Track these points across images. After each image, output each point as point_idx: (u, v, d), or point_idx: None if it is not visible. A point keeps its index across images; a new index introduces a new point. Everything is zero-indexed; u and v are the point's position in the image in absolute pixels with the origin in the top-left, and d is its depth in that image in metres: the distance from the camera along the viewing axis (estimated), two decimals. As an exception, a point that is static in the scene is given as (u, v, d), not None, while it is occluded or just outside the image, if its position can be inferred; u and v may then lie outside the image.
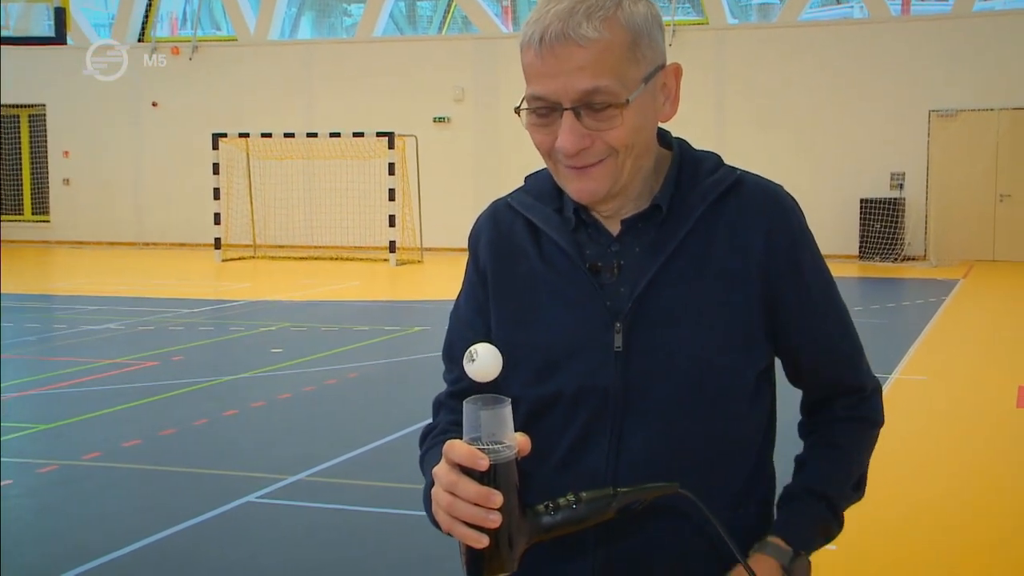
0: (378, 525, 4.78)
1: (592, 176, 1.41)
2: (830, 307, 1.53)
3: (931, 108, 16.33)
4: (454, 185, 18.29)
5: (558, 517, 1.29)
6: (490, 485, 1.23)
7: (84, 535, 4.59)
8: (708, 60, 17.23)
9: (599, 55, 1.34)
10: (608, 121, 1.37)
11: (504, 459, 1.24)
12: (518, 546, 1.26)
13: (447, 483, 1.26)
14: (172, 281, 14.85)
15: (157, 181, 20.15)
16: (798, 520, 1.49)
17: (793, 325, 1.49)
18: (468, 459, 1.23)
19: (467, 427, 1.25)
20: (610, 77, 1.35)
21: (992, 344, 9.56)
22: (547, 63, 1.35)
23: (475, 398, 1.24)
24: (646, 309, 1.43)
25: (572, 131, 1.37)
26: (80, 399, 7.22)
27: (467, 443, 1.24)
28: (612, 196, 1.44)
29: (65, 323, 10.65)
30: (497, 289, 1.53)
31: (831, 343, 1.54)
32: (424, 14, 20.98)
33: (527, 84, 1.40)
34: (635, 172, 1.44)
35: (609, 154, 1.40)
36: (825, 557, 4.28)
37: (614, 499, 1.30)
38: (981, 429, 6.51)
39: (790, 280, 1.47)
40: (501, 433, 1.24)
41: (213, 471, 5.55)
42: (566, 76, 1.35)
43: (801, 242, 1.48)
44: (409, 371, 8.39)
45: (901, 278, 14.70)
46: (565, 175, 1.43)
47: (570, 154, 1.38)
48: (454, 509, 1.25)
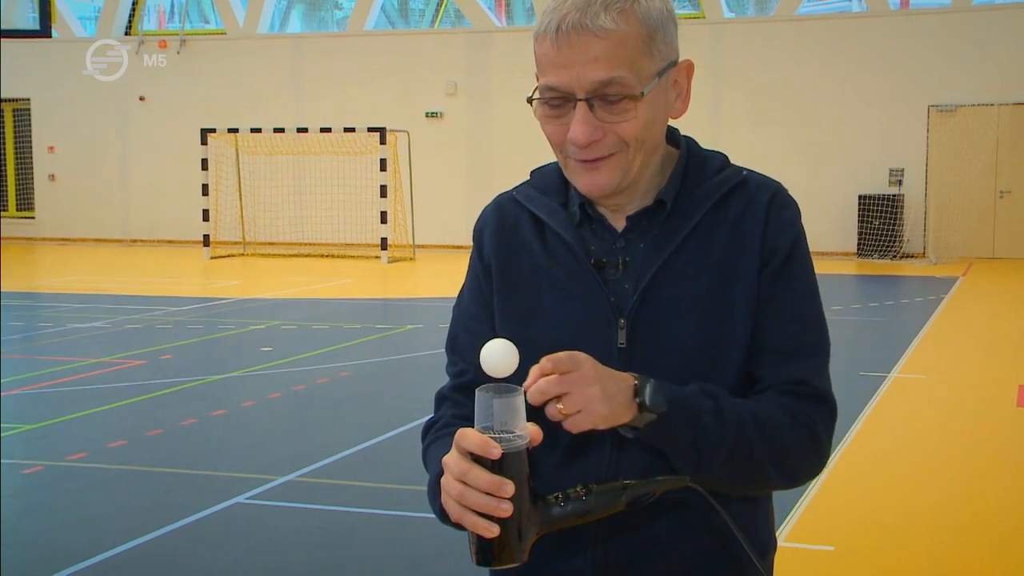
0: (369, 526, 4.73)
1: (602, 170, 1.42)
2: (808, 314, 1.51)
3: (930, 103, 16.30)
4: (447, 181, 18.20)
5: (568, 508, 1.29)
6: (501, 474, 1.23)
7: (69, 537, 4.53)
8: (705, 54, 17.14)
9: (615, 47, 1.36)
10: (621, 114, 1.38)
11: (516, 448, 1.24)
12: (528, 536, 1.27)
13: (458, 472, 1.25)
14: (160, 279, 14.76)
15: (145, 177, 20.01)
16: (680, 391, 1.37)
17: (767, 320, 1.46)
18: (481, 447, 1.23)
19: (479, 416, 1.25)
20: (625, 69, 1.36)
21: (992, 343, 9.51)
22: (563, 53, 1.36)
23: (487, 387, 1.24)
24: (649, 305, 1.44)
25: (585, 122, 1.38)
26: (65, 399, 7.15)
27: (479, 431, 1.24)
28: (620, 191, 1.45)
29: (51, 321, 10.52)
30: (501, 283, 1.54)
31: (795, 346, 1.48)
32: (416, 7, 20.87)
33: (540, 74, 1.41)
34: (644, 168, 1.45)
35: (620, 148, 1.41)
36: (823, 557, 4.22)
37: (624, 492, 1.31)
38: (981, 428, 6.47)
39: (779, 281, 1.47)
40: (513, 422, 1.24)
41: (201, 472, 5.48)
42: (581, 66, 1.36)
43: (797, 246, 1.49)
44: (402, 370, 8.31)
45: (900, 275, 14.69)
46: (574, 169, 1.44)
47: (582, 145, 1.39)
48: (465, 498, 1.25)
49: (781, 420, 1.42)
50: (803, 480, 1.49)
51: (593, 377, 1.28)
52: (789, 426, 1.42)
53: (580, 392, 1.27)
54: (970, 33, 16.14)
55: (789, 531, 4.48)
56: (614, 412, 1.29)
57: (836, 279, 13.96)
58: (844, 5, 18.40)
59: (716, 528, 1.45)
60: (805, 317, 1.49)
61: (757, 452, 1.39)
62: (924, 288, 13.04)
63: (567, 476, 1.40)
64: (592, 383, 1.27)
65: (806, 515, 4.69)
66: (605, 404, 1.28)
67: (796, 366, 1.46)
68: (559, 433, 1.40)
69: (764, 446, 1.40)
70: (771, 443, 1.40)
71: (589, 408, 1.27)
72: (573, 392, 1.27)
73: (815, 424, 1.45)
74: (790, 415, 1.43)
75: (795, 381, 1.45)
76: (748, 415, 1.39)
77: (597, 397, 1.27)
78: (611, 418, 1.29)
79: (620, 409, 1.30)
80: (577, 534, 1.40)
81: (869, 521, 4.73)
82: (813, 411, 1.45)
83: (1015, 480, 5.41)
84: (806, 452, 1.45)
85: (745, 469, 1.40)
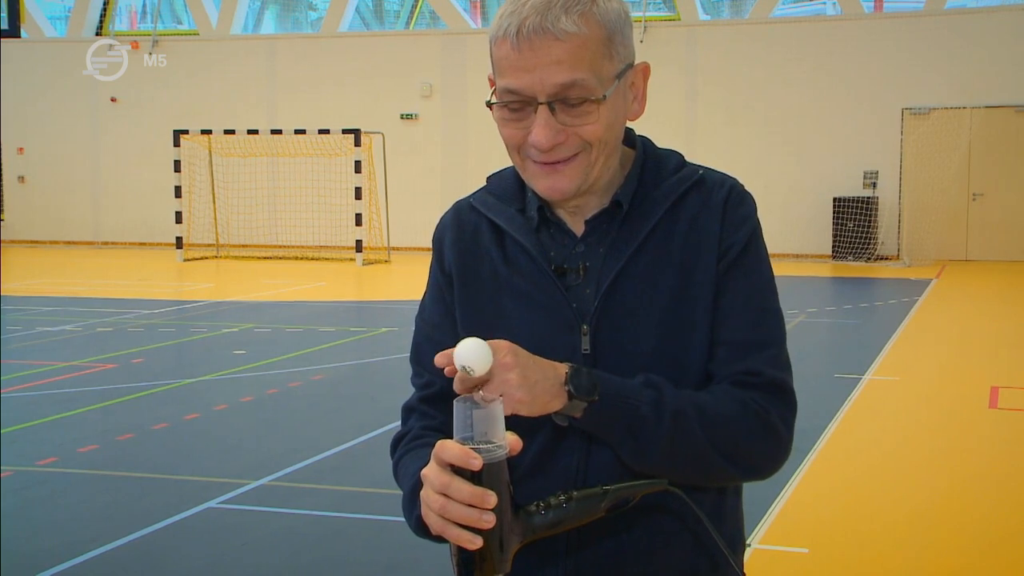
0: (343, 531, 4.69)
1: (563, 173, 1.41)
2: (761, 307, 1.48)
3: (904, 106, 16.42)
4: (422, 183, 18.16)
5: (550, 516, 1.28)
6: (483, 485, 1.22)
7: (38, 542, 4.46)
8: (680, 57, 17.21)
9: (577, 49, 1.34)
10: (583, 117, 1.37)
11: (497, 458, 1.22)
12: (511, 547, 1.26)
13: (440, 484, 1.23)
14: (132, 281, 14.65)
15: (116, 179, 19.84)
16: (619, 381, 1.37)
17: (721, 313, 1.45)
18: (461, 459, 1.21)
19: (458, 426, 1.23)
20: (587, 71, 1.35)
21: (965, 344, 9.57)
22: (524, 56, 1.35)
23: (465, 397, 1.22)
24: (611, 309, 1.44)
25: (547, 125, 1.36)
26: (35, 403, 7.06)
27: (458, 442, 1.22)
28: (580, 193, 1.44)
29: (20, 324, 10.39)
30: (463, 292, 1.53)
31: (748, 338, 1.46)
32: (391, 9, 20.82)
33: (499, 77, 1.39)
34: (604, 170, 1.45)
35: (582, 149, 1.40)
36: (798, 560, 4.22)
37: (605, 497, 1.30)
38: (954, 430, 6.50)
39: (733, 273, 1.46)
40: (493, 432, 1.22)
41: (173, 476, 5.43)
42: (543, 69, 1.35)
43: (751, 240, 1.48)
44: (377, 373, 8.27)
45: (874, 278, 14.78)
46: (534, 172, 1.43)
47: (544, 149, 1.38)
48: (447, 511, 1.23)
49: (728, 409, 1.40)
50: (763, 470, 1.45)
51: (511, 364, 1.28)
52: (738, 414, 1.40)
53: (497, 378, 1.27)
54: (943, 37, 16.27)
55: (764, 533, 4.48)
56: (536, 399, 1.29)
57: (811, 281, 14.03)
58: (818, 8, 18.53)
59: (691, 529, 1.45)
60: (758, 309, 1.47)
61: (700, 441, 1.37)
62: (898, 290, 13.12)
63: (536, 485, 1.39)
64: (509, 369, 1.27)
65: (780, 517, 4.69)
66: (525, 390, 1.28)
67: (750, 358, 1.44)
68: (528, 442, 1.39)
69: (708, 435, 1.38)
70: (716, 432, 1.38)
71: (508, 393, 1.27)
72: (492, 381, 1.26)
73: (767, 412, 1.42)
74: (739, 403, 1.41)
75: (748, 372, 1.43)
76: (690, 406, 1.38)
77: (515, 383, 1.27)
78: (533, 404, 1.29)
79: (544, 396, 1.30)
80: (551, 542, 1.39)
81: (843, 523, 4.74)
82: (765, 399, 1.43)
83: (988, 481, 5.43)
84: (758, 440, 1.42)
85: (691, 458, 1.38)
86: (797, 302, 11.43)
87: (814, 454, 5.68)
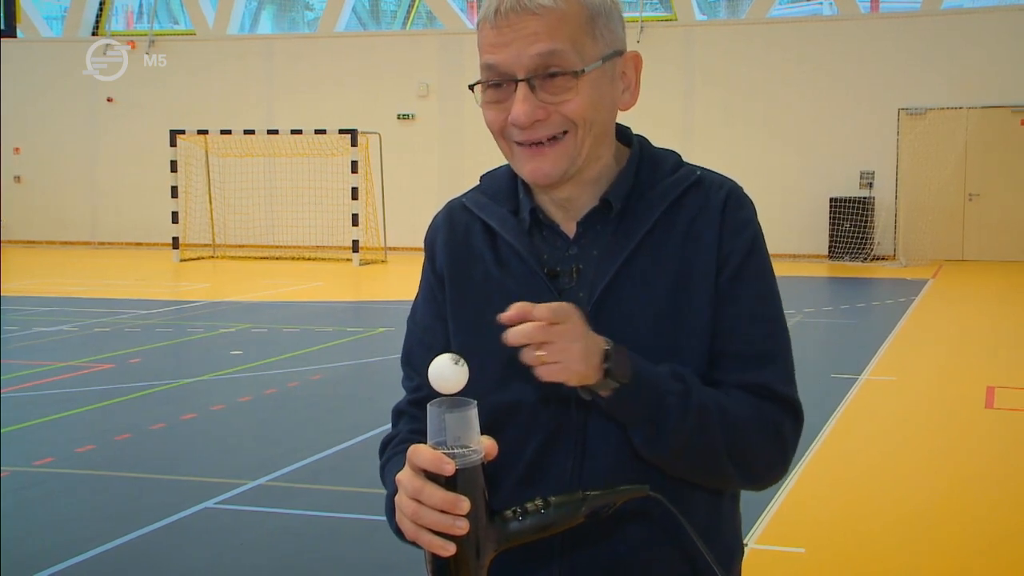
0: (341, 531, 4.69)
1: (548, 156, 1.38)
2: (768, 317, 1.46)
3: (900, 106, 16.43)
4: (418, 183, 18.15)
5: (527, 523, 1.25)
6: (456, 491, 1.20)
7: (35, 543, 4.46)
8: (676, 57, 17.22)
9: (554, 23, 1.34)
10: (562, 92, 1.36)
11: (470, 463, 1.20)
12: (486, 553, 1.23)
13: (412, 489, 1.22)
14: (129, 281, 14.63)
15: (113, 179, 19.82)
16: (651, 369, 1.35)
17: (726, 324, 1.43)
18: (433, 464, 1.19)
19: (431, 431, 1.21)
20: (564, 42, 1.34)
21: (961, 344, 9.58)
22: (502, 32, 1.35)
23: (439, 400, 1.20)
24: (605, 314, 1.40)
25: (526, 101, 1.35)
26: (32, 403, 7.05)
27: (432, 447, 1.20)
28: (567, 179, 1.41)
29: (17, 325, 10.38)
30: (454, 294, 1.51)
31: (757, 350, 1.44)
32: (388, 9, 20.82)
33: (480, 58, 1.39)
34: (593, 157, 1.42)
35: (567, 127, 1.37)
36: (794, 560, 4.23)
37: (584, 503, 1.28)
38: (950, 430, 6.51)
39: (737, 284, 1.44)
40: (467, 437, 1.20)
41: (170, 476, 5.43)
42: (519, 42, 1.34)
43: (754, 247, 1.45)
44: (374, 373, 8.27)
45: (871, 278, 14.79)
46: (519, 155, 1.41)
47: (523, 126, 1.36)
48: (419, 516, 1.21)
49: (747, 414, 1.39)
50: (763, 480, 1.45)
51: (580, 333, 1.26)
52: (755, 422, 1.40)
53: (563, 345, 1.25)
54: (939, 36, 16.29)
55: (760, 533, 4.48)
56: (586, 372, 1.27)
57: (808, 281, 14.04)
58: (815, 8, 18.55)
59: (679, 537, 1.42)
60: (765, 320, 1.45)
61: (718, 441, 1.36)
62: (895, 290, 13.13)
63: (529, 492, 1.36)
64: (577, 339, 1.26)
65: (777, 517, 4.70)
66: (583, 362, 1.26)
67: (760, 372, 1.42)
68: (521, 448, 1.41)
69: (726, 437, 1.37)
70: (734, 435, 1.37)
71: (567, 363, 1.25)
72: (557, 343, 1.24)
73: (781, 425, 1.42)
74: (756, 410, 1.40)
75: (760, 386, 1.42)
76: (714, 404, 1.37)
77: (577, 354, 1.26)
78: (583, 377, 1.28)
79: (591, 371, 1.28)
80: (540, 549, 1.37)
81: (840, 523, 4.75)
82: (780, 414, 1.42)
83: (985, 481, 5.44)
84: (769, 451, 1.42)
85: (701, 456, 1.37)
86: (794, 302, 11.43)
87: (811, 454, 5.68)
